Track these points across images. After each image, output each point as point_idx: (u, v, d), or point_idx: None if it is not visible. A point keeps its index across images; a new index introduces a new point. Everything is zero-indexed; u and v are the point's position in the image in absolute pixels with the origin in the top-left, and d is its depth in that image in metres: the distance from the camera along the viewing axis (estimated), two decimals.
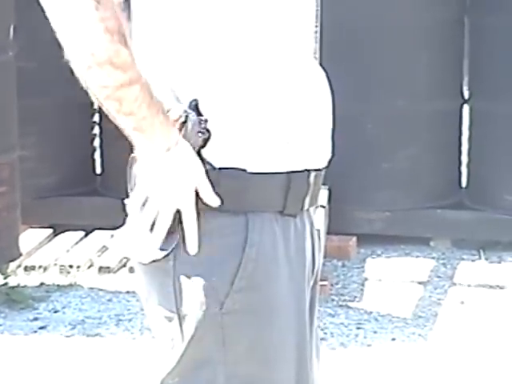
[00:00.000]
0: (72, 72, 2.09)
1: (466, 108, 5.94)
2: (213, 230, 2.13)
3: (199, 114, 2.07)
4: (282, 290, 2.22)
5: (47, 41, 5.90)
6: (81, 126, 5.93)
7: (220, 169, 2.09)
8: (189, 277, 2.15)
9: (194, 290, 2.16)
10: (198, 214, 2.13)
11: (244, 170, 2.10)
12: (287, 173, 2.15)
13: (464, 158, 5.96)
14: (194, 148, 2.12)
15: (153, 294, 2.27)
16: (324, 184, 2.85)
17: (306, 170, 2.18)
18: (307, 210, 2.27)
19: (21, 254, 5.31)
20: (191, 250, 2.07)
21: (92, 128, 5.85)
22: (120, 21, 2.04)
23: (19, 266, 5.23)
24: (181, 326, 2.15)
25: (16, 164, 5.24)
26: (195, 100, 2.10)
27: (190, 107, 2.09)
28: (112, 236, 2.78)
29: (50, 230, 5.71)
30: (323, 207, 5.41)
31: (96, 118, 5.82)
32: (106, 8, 1.97)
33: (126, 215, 2.25)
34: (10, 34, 5.42)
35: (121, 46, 2.00)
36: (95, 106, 5.61)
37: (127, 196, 2.17)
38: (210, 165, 2.12)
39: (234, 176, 2.13)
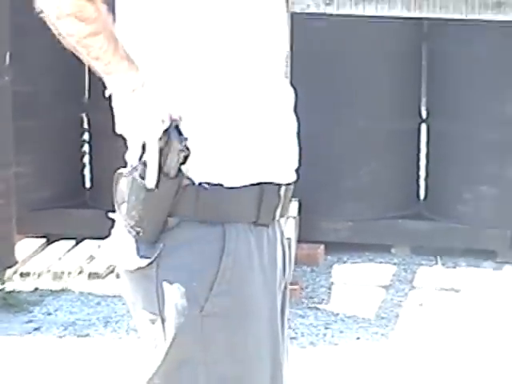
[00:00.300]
0: (63, 96, 2.36)
1: (423, 127, 6.06)
2: (192, 239, 2.22)
3: (180, 133, 2.12)
4: (256, 295, 2.28)
5: (41, 67, 5.90)
6: (71, 144, 6.03)
7: (199, 184, 2.14)
8: (171, 283, 2.21)
9: (175, 294, 2.23)
10: (179, 223, 2.25)
11: (221, 185, 2.16)
12: (259, 186, 2.23)
13: (422, 173, 6.04)
14: (176, 163, 2.22)
15: (138, 298, 2.32)
16: (294, 196, 2.97)
17: (277, 184, 2.25)
18: (278, 220, 2.33)
19: (16, 262, 5.39)
20: (149, 183, 2.16)
21: (82, 146, 5.93)
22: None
23: (15, 273, 5.32)
24: (163, 328, 2.21)
25: (12, 179, 5.33)
26: (176, 121, 2.16)
27: (171, 127, 2.16)
28: (99, 246, 2.69)
29: (44, 240, 5.79)
30: (294, 218, 5.43)
31: (86, 136, 5.80)
32: None
33: (113, 226, 2.34)
34: (6, 61, 5.47)
35: (86, 3, 2.16)
36: (85, 126, 5.89)
37: (113, 208, 2.24)
38: (190, 180, 2.19)
39: (211, 190, 2.19)
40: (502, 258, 5.79)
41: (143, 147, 2.29)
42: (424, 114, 6.03)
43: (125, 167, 2.39)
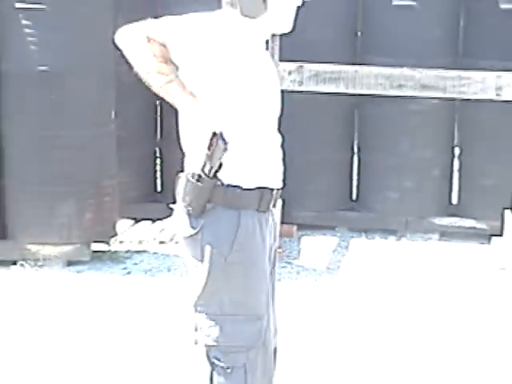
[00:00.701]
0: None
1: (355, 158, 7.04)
2: (221, 218, 2.74)
3: (223, 139, 2.63)
4: (258, 252, 2.83)
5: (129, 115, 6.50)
6: (149, 165, 6.95)
7: (227, 185, 2.72)
8: (209, 243, 2.73)
9: (211, 250, 2.74)
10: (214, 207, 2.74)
11: (239, 187, 2.74)
12: (261, 189, 2.79)
13: (354, 183, 7.01)
14: (218, 159, 2.67)
15: (189, 253, 2.83)
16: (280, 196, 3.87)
17: (271, 188, 2.83)
18: (271, 209, 2.91)
19: (116, 233, 6.14)
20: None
21: (155, 164, 7.01)
22: (163, 48, 2.69)
23: (116, 240, 6.20)
24: (203, 269, 2.75)
25: (116, 185, 6.06)
26: (221, 133, 2.66)
27: (218, 135, 2.65)
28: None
29: (133, 221, 6.72)
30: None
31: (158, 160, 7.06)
32: (153, 42, 2.65)
33: (172, 213, 3.07)
34: (111, 115, 6.09)
35: (162, 64, 2.67)
36: (157, 154, 7.03)
37: (174, 202, 2.83)
38: (221, 181, 2.71)
39: (233, 189, 2.74)
40: (400, 234, 6.70)
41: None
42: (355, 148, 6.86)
43: (182, 172, 2.90)
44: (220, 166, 2.71)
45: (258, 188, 2.82)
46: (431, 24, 6.33)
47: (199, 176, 2.78)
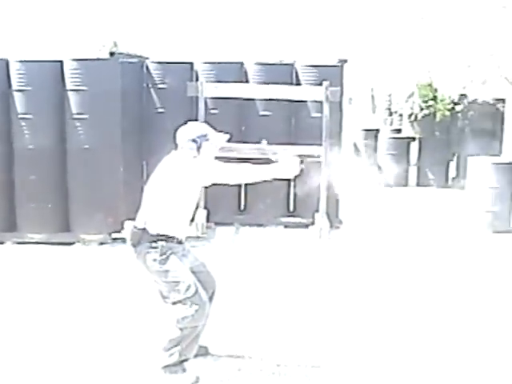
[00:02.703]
0: None
1: None
2: (148, 247, 5.53)
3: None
4: (176, 258, 5.57)
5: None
6: None
7: (157, 234, 5.53)
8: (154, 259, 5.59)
9: (150, 261, 5.51)
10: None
11: (168, 235, 5.55)
12: (171, 237, 5.50)
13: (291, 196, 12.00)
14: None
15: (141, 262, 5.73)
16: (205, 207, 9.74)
17: (176, 237, 5.58)
18: (183, 242, 5.70)
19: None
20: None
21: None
22: (256, 168, 5.64)
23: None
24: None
25: (120, 204, 10.92)
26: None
27: None
28: None
29: None
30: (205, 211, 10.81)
31: None
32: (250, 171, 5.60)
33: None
34: (143, 170, 10.35)
35: (262, 174, 5.62)
36: None
37: None
38: (147, 231, 5.51)
39: (165, 235, 5.51)
40: (266, 226, 11.37)
41: None
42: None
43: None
44: (145, 223, 5.58)
45: (167, 236, 5.60)
46: (278, 124, 11.56)
47: (134, 227, 5.65)
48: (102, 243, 10.46)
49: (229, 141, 7.62)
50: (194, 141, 5.67)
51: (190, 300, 5.59)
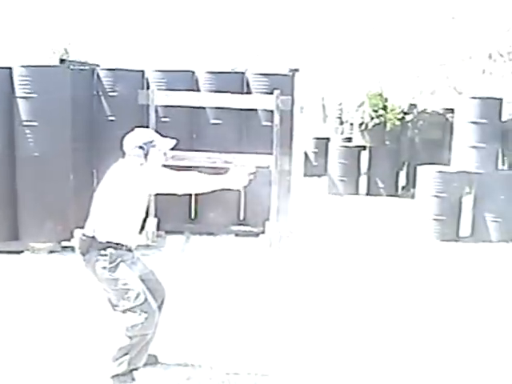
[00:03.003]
0: None
1: None
2: (97, 255, 5.56)
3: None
4: (126, 265, 5.60)
5: None
6: None
7: (106, 242, 5.55)
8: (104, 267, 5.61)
9: (100, 269, 5.53)
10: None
11: (117, 243, 5.58)
12: (119, 244, 5.52)
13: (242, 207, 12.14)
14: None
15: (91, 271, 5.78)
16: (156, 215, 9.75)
17: (125, 245, 5.60)
18: (132, 250, 5.70)
19: (74, 236, 10.34)
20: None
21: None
22: (205, 177, 5.50)
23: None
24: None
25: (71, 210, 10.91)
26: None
27: None
28: None
29: None
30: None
31: None
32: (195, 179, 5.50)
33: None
34: (93, 178, 10.22)
35: (211, 184, 5.52)
36: None
37: None
38: (96, 238, 5.56)
39: (114, 243, 5.54)
40: (216, 234, 11.41)
41: None
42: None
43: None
44: (94, 231, 5.60)
45: (116, 243, 5.63)
46: (229, 132, 11.63)
47: (84, 235, 5.67)
48: (51, 251, 10.39)
49: (180, 149, 7.78)
50: (140, 147, 5.67)
51: (139, 308, 5.58)
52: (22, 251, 10.42)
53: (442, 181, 12.08)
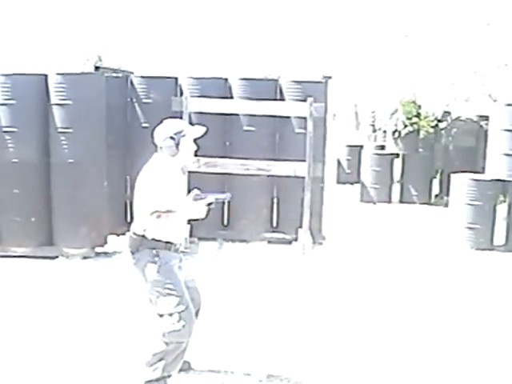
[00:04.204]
0: None
1: None
2: (147, 254, 5.58)
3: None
4: (174, 269, 5.67)
5: None
6: None
7: (155, 239, 5.59)
8: (146, 265, 5.60)
9: (148, 270, 5.54)
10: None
11: (166, 241, 5.63)
12: (169, 242, 5.57)
13: None
14: None
15: (137, 271, 5.72)
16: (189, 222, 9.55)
17: (174, 243, 5.66)
18: (179, 251, 5.74)
19: (107, 242, 10.88)
20: None
21: None
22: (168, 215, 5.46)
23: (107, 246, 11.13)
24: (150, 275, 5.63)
25: (106, 219, 11.12)
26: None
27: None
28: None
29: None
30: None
31: None
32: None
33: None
34: (127, 184, 10.59)
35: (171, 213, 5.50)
36: None
37: None
38: (146, 236, 5.59)
39: (164, 242, 5.58)
40: (249, 241, 11.45)
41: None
42: None
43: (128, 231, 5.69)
44: (144, 230, 5.59)
45: (166, 242, 5.67)
46: (262, 139, 11.68)
47: (134, 233, 5.65)
48: (85, 257, 10.48)
49: (213, 156, 7.85)
50: (171, 138, 5.67)
51: (179, 315, 5.60)
52: (56, 257, 10.53)
53: (476, 189, 12.01)
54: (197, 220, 5.75)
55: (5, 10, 23.48)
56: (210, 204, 5.70)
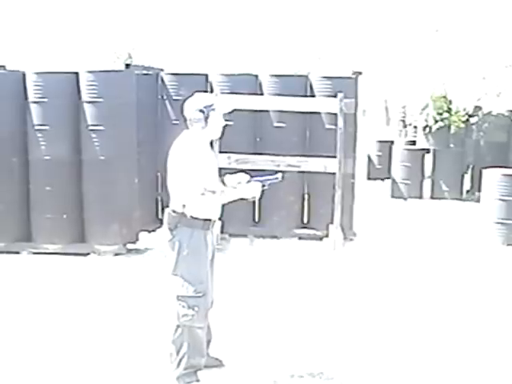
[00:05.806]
0: None
1: None
2: (184, 231, 5.51)
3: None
4: (202, 249, 5.61)
5: None
6: None
7: (189, 216, 5.55)
8: (177, 244, 5.51)
9: (178, 247, 5.46)
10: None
11: (194, 217, 5.54)
12: (207, 220, 5.56)
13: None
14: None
15: (169, 248, 5.60)
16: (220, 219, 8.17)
17: (211, 219, 5.64)
18: (211, 229, 5.66)
19: (138, 239, 11.03)
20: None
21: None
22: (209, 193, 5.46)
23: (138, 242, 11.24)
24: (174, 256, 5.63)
25: (138, 215, 11.20)
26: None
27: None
28: None
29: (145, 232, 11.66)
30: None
31: None
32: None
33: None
34: (158, 181, 10.67)
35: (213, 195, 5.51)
36: None
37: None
38: (185, 214, 5.50)
39: (203, 220, 5.57)
40: (279, 237, 11.55)
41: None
42: None
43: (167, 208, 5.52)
44: (183, 207, 5.54)
45: (206, 219, 5.65)
46: (292, 135, 11.65)
47: (173, 211, 5.63)
48: (116, 254, 10.52)
49: (243, 153, 7.82)
50: (201, 111, 5.66)
51: (195, 300, 5.57)
52: (87, 253, 10.59)
53: (508, 184, 11.89)
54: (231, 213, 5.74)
55: (37, 8, 23.73)
56: (263, 186, 5.83)
